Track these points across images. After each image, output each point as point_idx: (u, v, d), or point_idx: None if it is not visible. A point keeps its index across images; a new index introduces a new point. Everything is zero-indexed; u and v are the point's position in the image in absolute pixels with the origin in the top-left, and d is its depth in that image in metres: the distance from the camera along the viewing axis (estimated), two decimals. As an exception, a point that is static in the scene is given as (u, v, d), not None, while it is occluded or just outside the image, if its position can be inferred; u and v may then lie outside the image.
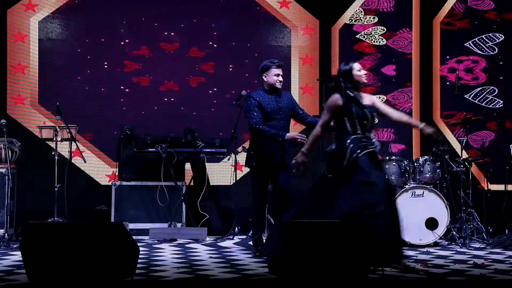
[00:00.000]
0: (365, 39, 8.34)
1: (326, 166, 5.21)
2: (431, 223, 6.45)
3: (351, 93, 5.08)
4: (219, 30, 8.21)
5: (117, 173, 7.22)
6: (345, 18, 8.36)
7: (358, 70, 5.16)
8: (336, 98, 5.06)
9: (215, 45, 8.19)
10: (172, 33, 8.13)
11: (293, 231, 4.44)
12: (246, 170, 6.83)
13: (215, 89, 8.13)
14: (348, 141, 5.00)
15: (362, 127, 5.04)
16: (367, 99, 5.20)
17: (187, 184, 7.12)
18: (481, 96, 8.19)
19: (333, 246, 4.41)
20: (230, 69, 8.19)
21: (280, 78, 5.76)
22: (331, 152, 5.14)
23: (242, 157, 6.36)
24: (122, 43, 8.04)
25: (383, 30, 8.35)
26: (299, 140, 5.58)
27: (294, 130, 8.02)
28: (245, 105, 5.83)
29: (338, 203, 4.93)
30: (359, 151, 4.98)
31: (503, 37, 8.17)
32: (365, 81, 5.21)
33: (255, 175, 5.79)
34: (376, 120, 5.21)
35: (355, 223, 4.60)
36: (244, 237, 6.83)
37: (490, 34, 8.21)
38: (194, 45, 8.17)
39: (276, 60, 5.87)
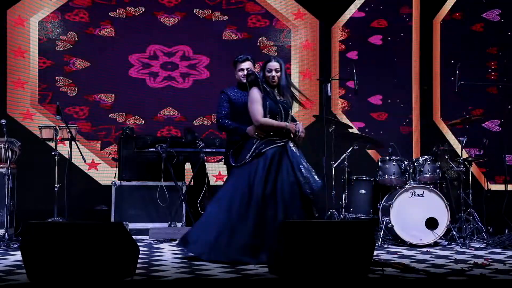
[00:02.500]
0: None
1: None
2: (431, 223, 6.45)
3: (267, 88, 5.29)
4: (219, 29, 8.22)
5: (117, 173, 7.22)
6: (345, 18, 8.38)
7: (269, 70, 5.31)
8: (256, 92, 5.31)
9: (214, 45, 8.19)
10: (172, 33, 8.14)
11: (293, 231, 4.44)
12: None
13: (215, 88, 8.12)
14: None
15: None
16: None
17: (187, 184, 7.12)
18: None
19: (333, 246, 4.41)
20: (230, 69, 8.17)
21: (245, 72, 5.63)
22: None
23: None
24: (122, 43, 8.05)
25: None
26: (256, 135, 5.36)
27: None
28: (218, 100, 5.78)
29: None
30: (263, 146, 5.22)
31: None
32: (272, 83, 5.33)
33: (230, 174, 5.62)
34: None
35: (357, 222, 4.60)
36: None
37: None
38: (194, 45, 8.17)
39: (242, 55, 5.78)
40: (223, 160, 7.49)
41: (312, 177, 5.22)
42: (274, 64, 5.33)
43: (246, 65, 5.71)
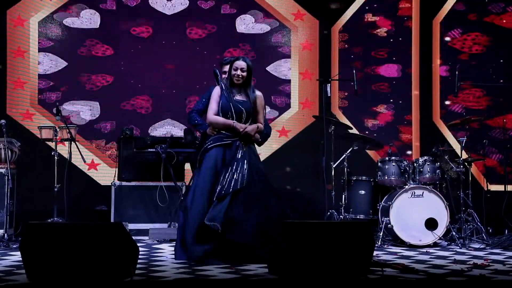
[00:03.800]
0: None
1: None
2: (431, 224, 6.45)
3: (223, 86, 5.37)
4: (219, 30, 8.21)
5: (116, 173, 7.22)
6: (345, 18, 8.38)
7: (235, 69, 5.34)
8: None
9: (214, 45, 8.19)
10: (172, 33, 8.13)
11: (293, 231, 4.44)
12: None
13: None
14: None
15: None
16: (246, 95, 5.37)
17: (187, 184, 7.12)
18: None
19: (333, 246, 4.41)
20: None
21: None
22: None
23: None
24: (121, 43, 8.04)
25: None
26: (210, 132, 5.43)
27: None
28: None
29: None
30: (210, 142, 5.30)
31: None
32: (236, 81, 5.34)
33: None
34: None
35: (357, 223, 4.60)
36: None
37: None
38: (194, 45, 8.17)
39: (227, 57, 5.93)
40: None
41: (227, 183, 5.14)
42: (241, 63, 5.34)
43: (227, 67, 5.73)
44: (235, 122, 5.30)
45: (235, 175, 5.15)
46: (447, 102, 8.28)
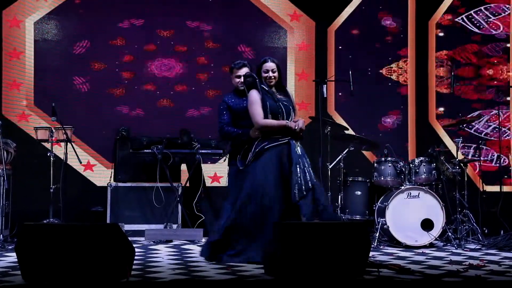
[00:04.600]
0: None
1: None
2: (427, 224, 6.46)
3: (265, 87, 5.30)
4: (215, 31, 8.22)
5: (112, 174, 7.21)
6: (341, 19, 8.38)
7: (265, 71, 5.33)
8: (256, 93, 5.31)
9: (211, 46, 8.19)
10: (169, 34, 8.13)
11: (289, 232, 4.44)
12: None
13: (211, 89, 8.14)
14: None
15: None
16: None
17: (183, 185, 7.12)
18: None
19: (329, 247, 4.41)
20: (226, 70, 8.18)
21: (242, 79, 5.56)
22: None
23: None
24: (118, 44, 8.04)
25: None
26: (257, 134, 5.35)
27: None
28: (218, 109, 5.74)
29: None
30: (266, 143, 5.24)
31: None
32: (269, 83, 5.34)
33: None
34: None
35: (353, 223, 4.61)
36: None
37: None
38: (191, 46, 8.17)
39: (239, 60, 5.75)
40: (220, 161, 7.55)
41: (305, 178, 5.15)
42: (271, 65, 5.34)
43: (243, 71, 5.63)
44: (288, 121, 5.28)
45: (305, 171, 5.16)
46: (441, 109, 8.30)
